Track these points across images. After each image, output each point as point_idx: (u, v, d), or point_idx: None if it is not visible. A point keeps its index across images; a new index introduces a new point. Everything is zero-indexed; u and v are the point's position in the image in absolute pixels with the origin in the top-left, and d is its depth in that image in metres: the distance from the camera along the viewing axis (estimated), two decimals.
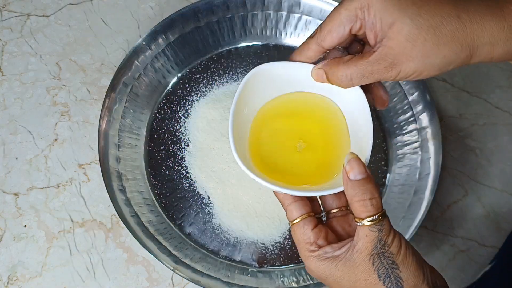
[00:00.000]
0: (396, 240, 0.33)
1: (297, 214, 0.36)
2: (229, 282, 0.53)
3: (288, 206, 0.37)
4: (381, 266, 0.32)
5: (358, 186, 0.33)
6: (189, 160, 0.60)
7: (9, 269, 0.56)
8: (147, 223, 0.55)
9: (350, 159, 0.33)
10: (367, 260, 0.33)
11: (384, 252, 0.32)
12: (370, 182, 0.33)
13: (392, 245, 0.33)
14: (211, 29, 0.64)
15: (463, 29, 0.30)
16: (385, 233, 0.33)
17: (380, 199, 0.33)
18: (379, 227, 0.32)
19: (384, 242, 0.32)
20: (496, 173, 0.62)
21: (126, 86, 0.60)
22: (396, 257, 0.32)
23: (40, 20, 0.69)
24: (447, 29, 0.30)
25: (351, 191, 0.33)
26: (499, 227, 0.60)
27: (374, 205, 0.33)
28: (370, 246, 0.32)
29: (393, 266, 0.32)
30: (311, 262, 0.35)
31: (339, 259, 0.34)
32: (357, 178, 0.33)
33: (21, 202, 0.59)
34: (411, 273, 0.32)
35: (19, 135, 0.62)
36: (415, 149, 0.59)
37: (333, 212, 0.39)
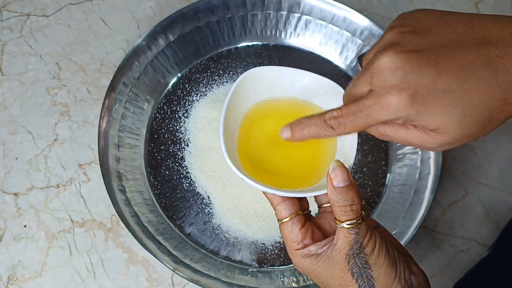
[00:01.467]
0: (371, 241, 0.35)
1: (286, 213, 0.38)
2: (229, 282, 0.53)
3: (277, 205, 0.38)
4: (354, 266, 0.35)
5: (341, 193, 0.34)
6: (189, 160, 0.60)
7: (9, 269, 0.56)
8: (147, 223, 0.55)
9: (335, 167, 0.35)
10: (343, 259, 0.35)
11: (359, 253, 0.34)
12: (353, 189, 0.35)
13: (367, 246, 0.35)
14: (211, 29, 0.64)
15: (493, 77, 0.30)
16: (362, 236, 0.35)
17: (360, 205, 0.35)
18: (356, 230, 0.34)
19: (360, 243, 0.34)
20: (496, 173, 0.62)
21: (126, 86, 0.60)
22: (369, 258, 0.35)
23: (40, 20, 0.69)
24: (473, 85, 0.30)
25: (334, 197, 0.35)
26: (499, 227, 0.60)
27: (354, 211, 0.34)
28: (347, 246, 0.35)
29: (365, 266, 0.35)
30: (296, 258, 0.37)
31: (320, 256, 0.36)
32: (340, 185, 0.34)
33: (21, 202, 0.59)
34: (382, 272, 0.34)
35: (19, 135, 0.62)
36: (415, 149, 0.59)
37: (323, 206, 0.41)
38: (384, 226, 0.40)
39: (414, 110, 0.31)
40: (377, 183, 0.60)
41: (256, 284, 0.53)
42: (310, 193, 0.37)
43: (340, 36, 0.64)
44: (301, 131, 0.37)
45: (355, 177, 0.60)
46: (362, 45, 0.64)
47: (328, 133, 0.36)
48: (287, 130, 0.38)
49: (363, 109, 0.33)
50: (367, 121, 0.33)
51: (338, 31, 0.64)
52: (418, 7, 0.70)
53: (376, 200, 0.59)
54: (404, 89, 0.31)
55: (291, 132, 0.37)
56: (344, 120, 0.34)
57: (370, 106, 0.33)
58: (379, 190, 0.59)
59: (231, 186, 0.58)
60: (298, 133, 0.37)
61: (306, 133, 0.37)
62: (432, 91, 0.31)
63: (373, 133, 0.36)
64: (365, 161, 0.60)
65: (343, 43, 0.64)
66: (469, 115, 0.31)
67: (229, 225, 0.57)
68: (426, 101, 0.31)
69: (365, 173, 0.60)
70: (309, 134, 0.36)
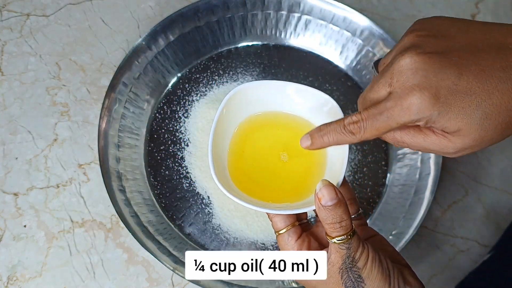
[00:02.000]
0: (364, 255, 0.35)
1: (282, 225, 0.38)
2: (229, 282, 0.53)
3: (273, 217, 0.38)
4: (348, 280, 0.35)
5: (329, 211, 0.34)
6: (189, 160, 0.60)
7: (9, 269, 0.56)
8: (147, 223, 0.55)
9: (322, 186, 0.34)
10: (337, 273, 0.35)
11: (351, 266, 0.35)
12: (341, 207, 0.34)
13: (360, 260, 0.35)
14: (211, 29, 0.64)
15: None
16: (353, 250, 0.35)
17: (350, 221, 0.35)
18: (347, 245, 0.34)
19: (352, 258, 0.34)
20: (496, 173, 0.62)
21: (126, 86, 0.60)
22: (362, 271, 0.35)
23: (40, 20, 0.69)
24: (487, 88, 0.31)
25: (323, 215, 0.35)
26: (499, 227, 0.60)
27: (343, 227, 0.34)
28: (340, 261, 0.35)
29: (358, 280, 0.35)
30: None
31: None
32: (328, 204, 0.34)
33: (21, 202, 0.59)
34: (376, 285, 0.35)
35: (18, 135, 0.62)
36: None
37: None
38: (384, 226, 0.40)
39: (436, 110, 0.31)
40: (377, 183, 0.60)
41: (256, 284, 0.53)
42: (300, 210, 0.37)
43: (340, 36, 0.64)
44: (320, 138, 0.37)
45: (355, 177, 0.60)
46: (362, 45, 0.64)
47: (348, 138, 0.35)
48: (307, 138, 0.37)
49: (383, 112, 0.33)
50: (388, 123, 0.33)
51: (338, 31, 0.64)
52: (418, 7, 0.70)
53: (376, 200, 0.59)
54: (426, 88, 0.31)
55: (311, 140, 0.37)
56: (364, 124, 0.34)
57: (391, 108, 0.32)
58: (379, 190, 0.59)
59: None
60: (318, 140, 0.37)
61: (326, 140, 0.36)
62: (453, 92, 0.31)
63: (389, 140, 0.35)
64: (365, 161, 0.60)
65: (343, 43, 0.64)
66: (489, 117, 0.31)
67: (229, 225, 0.57)
68: (448, 101, 0.31)
69: (365, 173, 0.60)
70: (329, 141, 0.36)
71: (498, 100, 0.30)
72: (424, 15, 0.70)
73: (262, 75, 0.64)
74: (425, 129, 0.33)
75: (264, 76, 0.64)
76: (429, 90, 0.31)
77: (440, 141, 0.33)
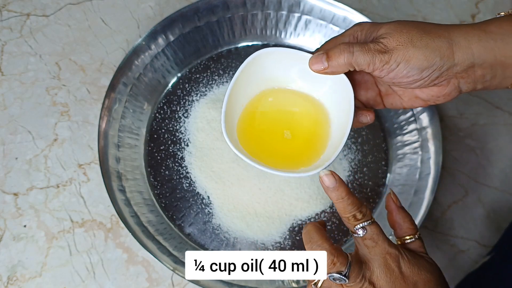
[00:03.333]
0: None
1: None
2: (229, 282, 0.53)
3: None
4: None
5: (340, 202, 0.37)
6: (189, 160, 0.60)
7: (9, 269, 0.56)
8: (146, 223, 0.55)
9: (323, 175, 0.37)
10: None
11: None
12: (347, 194, 0.37)
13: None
14: (211, 29, 0.64)
15: (440, 27, 0.36)
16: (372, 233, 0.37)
17: (365, 209, 0.37)
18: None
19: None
20: (497, 173, 0.62)
21: (125, 86, 0.60)
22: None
23: (40, 20, 0.69)
24: (427, 26, 0.36)
25: (339, 206, 0.37)
26: (499, 227, 0.60)
27: (360, 219, 0.37)
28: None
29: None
30: None
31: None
32: (331, 187, 0.36)
33: (21, 202, 0.59)
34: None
35: (18, 135, 0.62)
36: (415, 149, 0.59)
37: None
38: (384, 226, 0.40)
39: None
40: (377, 183, 0.60)
41: (256, 284, 0.53)
42: (303, 174, 0.38)
43: None
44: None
45: (355, 177, 0.60)
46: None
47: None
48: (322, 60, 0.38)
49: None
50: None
51: (338, 31, 0.64)
52: (418, 7, 0.70)
53: (376, 200, 0.59)
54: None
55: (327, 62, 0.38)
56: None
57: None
58: (379, 190, 0.59)
59: (231, 186, 0.58)
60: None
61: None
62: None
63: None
64: (365, 161, 0.60)
65: None
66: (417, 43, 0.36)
67: (229, 225, 0.57)
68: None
69: (365, 173, 0.60)
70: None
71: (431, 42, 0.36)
72: (424, 15, 0.70)
73: None
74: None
75: None
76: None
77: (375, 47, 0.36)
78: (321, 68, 0.37)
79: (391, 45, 0.35)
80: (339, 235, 0.57)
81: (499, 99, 0.66)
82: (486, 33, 0.35)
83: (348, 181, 0.59)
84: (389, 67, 0.36)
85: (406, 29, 0.35)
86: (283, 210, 0.57)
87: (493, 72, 0.36)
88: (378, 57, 0.35)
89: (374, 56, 0.35)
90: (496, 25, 0.36)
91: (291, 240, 0.56)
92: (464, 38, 0.35)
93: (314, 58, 0.37)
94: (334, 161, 0.39)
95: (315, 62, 0.37)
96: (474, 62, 0.36)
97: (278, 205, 0.57)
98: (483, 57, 0.35)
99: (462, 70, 0.36)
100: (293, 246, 0.56)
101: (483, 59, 0.35)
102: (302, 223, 0.57)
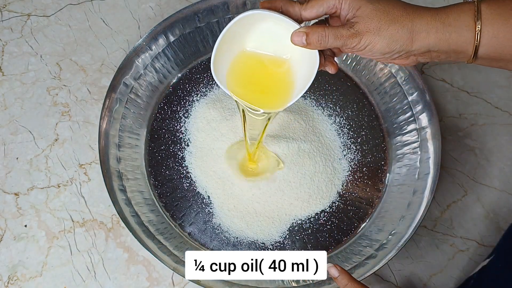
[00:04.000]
0: None
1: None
2: (229, 281, 0.53)
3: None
4: None
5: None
6: (189, 160, 0.60)
7: (10, 269, 0.57)
8: (147, 223, 0.55)
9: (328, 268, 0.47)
10: None
11: None
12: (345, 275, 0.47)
13: None
14: (211, 29, 0.64)
15: (407, 15, 0.41)
16: None
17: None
18: None
19: None
20: (496, 173, 0.62)
21: (126, 86, 0.60)
22: None
23: (41, 20, 0.69)
24: (395, 13, 0.41)
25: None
26: (498, 227, 0.60)
27: None
28: None
29: None
30: None
31: None
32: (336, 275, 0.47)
33: (22, 202, 0.59)
34: None
35: (19, 135, 0.63)
36: (415, 149, 0.59)
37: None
38: (384, 226, 0.40)
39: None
40: (377, 183, 0.60)
41: (256, 284, 0.53)
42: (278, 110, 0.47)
43: None
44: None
45: (354, 177, 0.60)
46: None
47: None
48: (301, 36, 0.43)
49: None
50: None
51: None
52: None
53: (376, 200, 0.59)
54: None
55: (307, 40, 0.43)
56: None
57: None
58: (378, 190, 0.59)
59: (231, 186, 0.58)
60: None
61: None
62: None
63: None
64: (365, 161, 0.61)
65: None
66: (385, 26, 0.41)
67: (229, 224, 0.57)
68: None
69: (365, 173, 0.60)
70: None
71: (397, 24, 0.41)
72: None
73: None
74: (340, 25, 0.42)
75: None
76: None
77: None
78: (300, 44, 0.42)
79: (361, 29, 0.41)
80: (338, 234, 0.57)
81: (499, 99, 0.66)
82: (444, 26, 0.40)
83: (347, 181, 0.60)
84: (357, 48, 0.42)
85: (377, 17, 0.41)
86: (283, 210, 0.57)
87: (447, 55, 0.42)
88: (349, 41, 0.41)
89: (346, 41, 0.41)
90: (455, 17, 0.41)
91: (291, 240, 0.57)
92: (424, 30, 0.41)
93: (296, 35, 0.42)
94: (298, 98, 0.46)
95: (296, 38, 0.42)
96: (430, 48, 0.41)
97: (278, 205, 0.57)
98: (438, 46, 0.41)
99: (419, 53, 0.42)
100: (293, 246, 0.56)
101: (438, 47, 0.41)
102: (302, 223, 0.57)
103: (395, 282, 0.57)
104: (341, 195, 0.59)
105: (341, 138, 0.62)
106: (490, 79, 0.67)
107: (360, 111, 0.63)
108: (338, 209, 0.58)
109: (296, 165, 0.58)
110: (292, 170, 0.58)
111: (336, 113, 0.63)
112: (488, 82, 0.67)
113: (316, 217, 0.58)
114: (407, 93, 0.61)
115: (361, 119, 0.63)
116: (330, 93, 0.64)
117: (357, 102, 0.64)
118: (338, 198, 0.59)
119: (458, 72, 0.67)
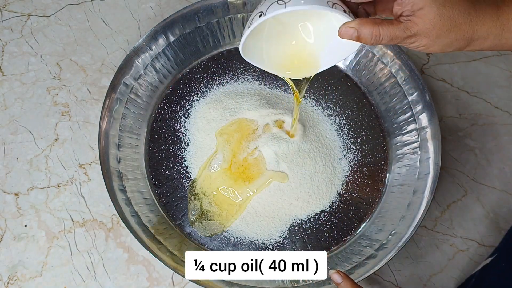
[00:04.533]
0: None
1: None
2: (229, 281, 0.53)
3: None
4: None
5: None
6: (189, 160, 0.60)
7: (10, 269, 0.57)
8: (147, 223, 0.55)
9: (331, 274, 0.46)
10: None
11: None
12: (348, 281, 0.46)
13: None
14: (211, 29, 0.64)
15: (469, 23, 0.39)
16: None
17: None
18: None
19: None
20: (496, 173, 0.62)
21: (126, 86, 0.60)
22: None
23: (41, 20, 0.69)
24: (459, 21, 0.39)
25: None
26: (498, 226, 0.60)
27: None
28: None
29: None
30: None
31: None
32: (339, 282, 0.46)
33: (22, 202, 0.59)
34: None
35: (19, 135, 0.63)
36: (415, 149, 0.59)
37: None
38: (384, 226, 0.40)
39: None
40: (377, 183, 0.60)
41: (256, 284, 0.53)
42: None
43: None
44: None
45: (354, 177, 0.60)
46: (361, 45, 0.63)
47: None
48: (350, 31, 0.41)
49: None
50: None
51: None
52: None
53: (376, 200, 0.59)
54: None
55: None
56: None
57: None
58: (378, 190, 0.59)
59: None
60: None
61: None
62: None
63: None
64: (365, 161, 0.61)
65: None
66: (446, 8, 0.38)
67: None
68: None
69: (365, 173, 0.60)
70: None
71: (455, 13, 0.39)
72: None
73: (262, 76, 0.65)
74: (395, 22, 0.40)
75: (264, 77, 0.65)
76: None
77: (406, 25, 0.39)
78: (349, 39, 0.40)
79: (418, 33, 0.38)
80: (338, 234, 0.57)
81: (499, 99, 0.66)
82: (503, 32, 0.39)
83: (347, 181, 0.60)
84: (407, 45, 0.40)
85: (439, 24, 0.38)
86: (283, 210, 0.57)
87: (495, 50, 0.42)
88: (403, 42, 0.39)
89: (400, 41, 0.39)
90: None
91: (291, 240, 0.57)
92: (482, 37, 0.39)
93: (345, 32, 0.40)
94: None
95: (345, 34, 0.40)
96: (482, 49, 0.41)
97: (278, 204, 0.57)
98: (491, 48, 0.41)
99: (467, 50, 0.41)
100: (293, 246, 0.56)
101: (490, 49, 0.41)
102: (302, 223, 0.57)
103: (395, 282, 0.57)
104: (341, 195, 0.59)
105: (341, 138, 0.62)
106: (490, 79, 0.67)
107: (360, 111, 0.63)
108: (338, 209, 0.58)
109: (296, 165, 0.58)
110: (292, 170, 0.58)
111: (336, 113, 0.63)
112: (488, 82, 0.67)
113: (316, 217, 0.58)
114: (407, 93, 0.61)
115: (361, 119, 0.63)
116: (330, 93, 0.64)
117: (357, 102, 0.64)
118: (338, 198, 0.59)
119: (458, 72, 0.67)
